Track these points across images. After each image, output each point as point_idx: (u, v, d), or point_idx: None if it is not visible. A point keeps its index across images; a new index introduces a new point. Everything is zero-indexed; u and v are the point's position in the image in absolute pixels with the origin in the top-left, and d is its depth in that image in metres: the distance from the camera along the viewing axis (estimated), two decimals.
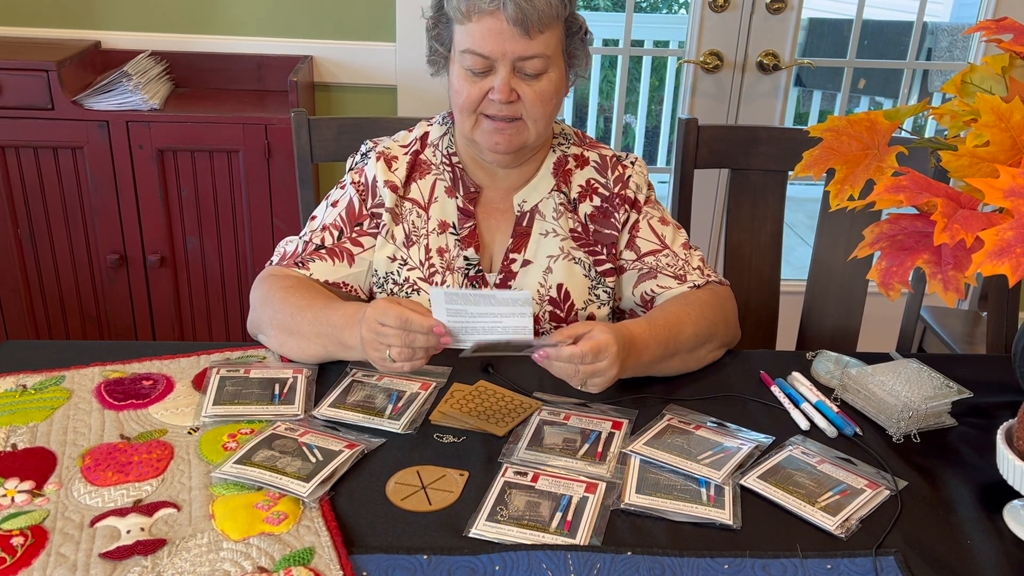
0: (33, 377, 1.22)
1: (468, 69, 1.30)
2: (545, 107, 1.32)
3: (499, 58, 1.27)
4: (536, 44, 1.27)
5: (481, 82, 1.30)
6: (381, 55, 2.52)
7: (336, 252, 1.39)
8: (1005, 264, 0.78)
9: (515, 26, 1.24)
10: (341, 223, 1.41)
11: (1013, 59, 1.05)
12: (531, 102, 1.30)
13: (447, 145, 1.42)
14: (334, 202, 1.44)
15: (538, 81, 1.30)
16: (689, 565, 0.93)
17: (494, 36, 1.26)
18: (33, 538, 0.92)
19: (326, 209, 1.44)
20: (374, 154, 1.42)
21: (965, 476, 1.12)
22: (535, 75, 1.30)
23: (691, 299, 1.36)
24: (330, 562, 0.90)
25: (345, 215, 1.42)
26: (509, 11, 1.24)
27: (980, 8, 2.75)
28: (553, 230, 1.42)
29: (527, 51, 1.27)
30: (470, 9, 1.26)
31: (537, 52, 1.27)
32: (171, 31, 2.49)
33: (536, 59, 1.28)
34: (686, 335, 1.30)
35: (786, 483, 1.07)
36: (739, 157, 1.76)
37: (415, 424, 1.16)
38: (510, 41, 1.26)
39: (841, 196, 0.99)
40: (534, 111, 1.31)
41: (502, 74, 1.28)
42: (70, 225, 2.31)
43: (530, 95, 1.30)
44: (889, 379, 1.23)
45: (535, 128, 1.33)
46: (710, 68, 2.63)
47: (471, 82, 1.30)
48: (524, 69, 1.29)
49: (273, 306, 1.31)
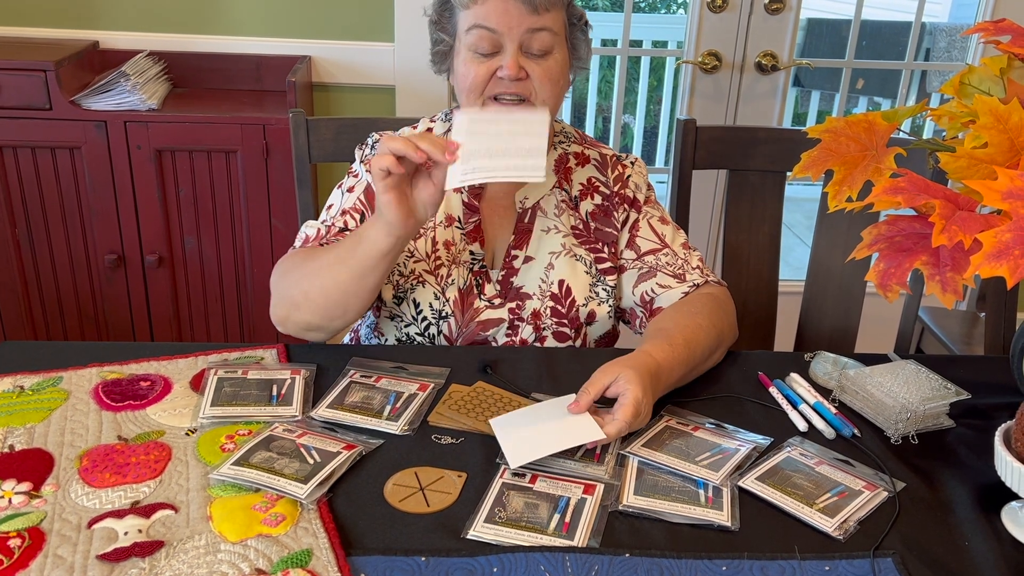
0: (30, 378, 1.22)
1: (475, 50, 1.30)
2: (554, 87, 1.32)
3: (506, 32, 1.27)
4: (543, 19, 1.28)
5: (488, 62, 1.30)
6: (379, 55, 2.52)
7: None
8: (1003, 266, 0.78)
9: (522, 3, 1.25)
10: (362, 206, 1.41)
11: (1011, 61, 1.05)
12: (540, 80, 1.30)
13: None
14: (350, 188, 1.44)
15: (545, 60, 1.30)
16: (687, 567, 0.93)
17: (501, 13, 1.26)
18: (30, 540, 0.92)
19: (343, 196, 1.44)
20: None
21: (963, 477, 1.12)
22: (542, 54, 1.30)
23: (698, 307, 1.36)
24: (328, 564, 0.90)
25: (365, 199, 1.42)
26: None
27: (978, 9, 2.75)
28: (555, 227, 1.42)
29: (535, 24, 1.27)
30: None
31: (544, 25, 1.28)
32: (169, 31, 2.49)
33: (544, 32, 1.28)
34: (702, 348, 1.29)
35: (784, 484, 1.07)
36: (737, 158, 1.76)
37: (413, 425, 1.16)
38: (517, 16, 1.26)
39: (839, 197, 0.99)
40: (543, 90, 1.31)
41: (510, 50, 1.28)
42: (68, 225, 2.31)
43: (539, 72, 1.30)
44: (887, 380, 1.23)
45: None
46: (708, 68, 2.63)
47: (478, 62, 1.30)
48: (531, 47, 1.29)
49: (297, 266, 1.31)
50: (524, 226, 1.43)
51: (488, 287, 1.42)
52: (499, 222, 1.44)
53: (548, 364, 1.33)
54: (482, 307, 1.42)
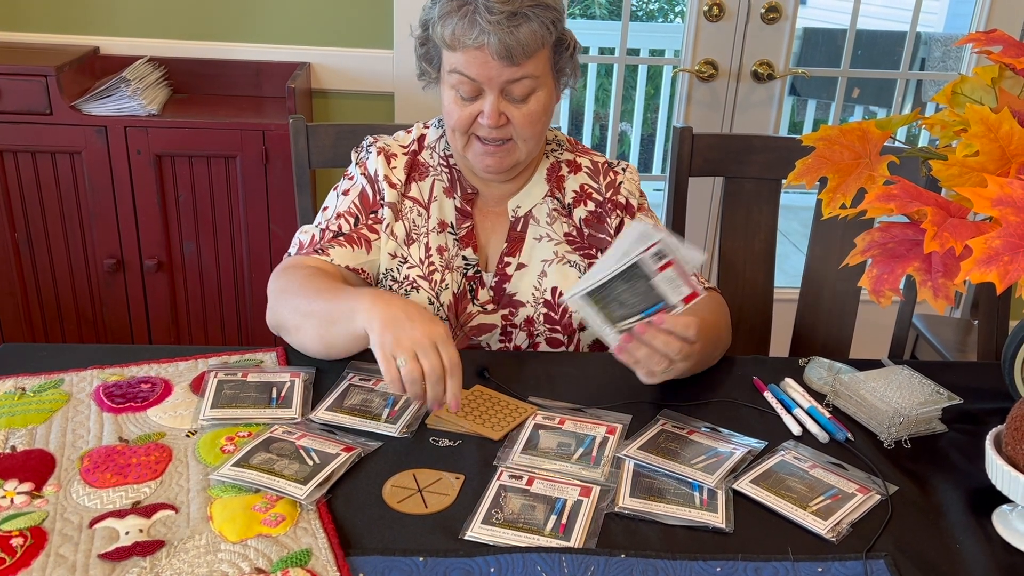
0: (32, 380, 1.23)
1: (457, 92, 1.32)
2: (535, 127, 1.35)
3: (486, 83, 1.29)
4: (523, 69, 1.29)
5: (471, 106, 1.32)
6: (378, 62, 2.54)
7: (354, 239, 1.40)
8: (993, 272, 0.80)
9: (500, 59, 1.26)
10: (356, 210, 1.42)
11: (1003, 71, 1.06)
12: (520, 124, 1.32)
13: (444, 148, 1.45)
14: (345, 191, 1.45)
15: (526, 104, 1.32)
16: (682, 568, 0.94)
17: (480, 64, 1.28)
18: (32, 539, 0.93)
19: (337, 199, 1.45)
20: (375, 149, 1.44)
21: (955, 481, 1.13)
22: (523, 98, 1.32)
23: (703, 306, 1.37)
24: (327, 563, 0.91)
25: (359, 202, 1.43)
26: (493, 47, 1.26)
27: (972, 19, 2.77)
28: (547, 235, 1.44)
29: (514, 75, 1.29)
30: (455, 42, 1.29)
31: (525, 74, 1.29)
32: (170, 37, 2.50)
33: (525, 80, 1.30)
34: (711, 342, 1.31)
35: (778, 487, 1.08)
36: (733, 165, 1.77)
37: (411, 428, 1.17)
38: (496, 69, 1.28)
39: (833, 204, 1.01)
40: (524, 132, 1.33)
41: (490, 99, 1.30)
42: (67, 229, 2.31)
43: (519, 117, 1.32)
44: (880, 385, 1.25)
45: (525, 147, 1.36)
46: (705, 77, 2.65)
47: (461, 106, 1.33)
48: (512, 93, 1.31)
49: (292, 292, 1.31)
50: (517, 234, 1.44)
51: (482, 292, 1.44)
52: (492, 228, 1.46)
53: (545, 368, 1.34)
54: (475, 312, 1.43)
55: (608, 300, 1.15)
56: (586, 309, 1.16)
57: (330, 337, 1.25)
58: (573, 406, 1.24)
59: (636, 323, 1.15)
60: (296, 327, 1.30)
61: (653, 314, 1.14)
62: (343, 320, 1.21)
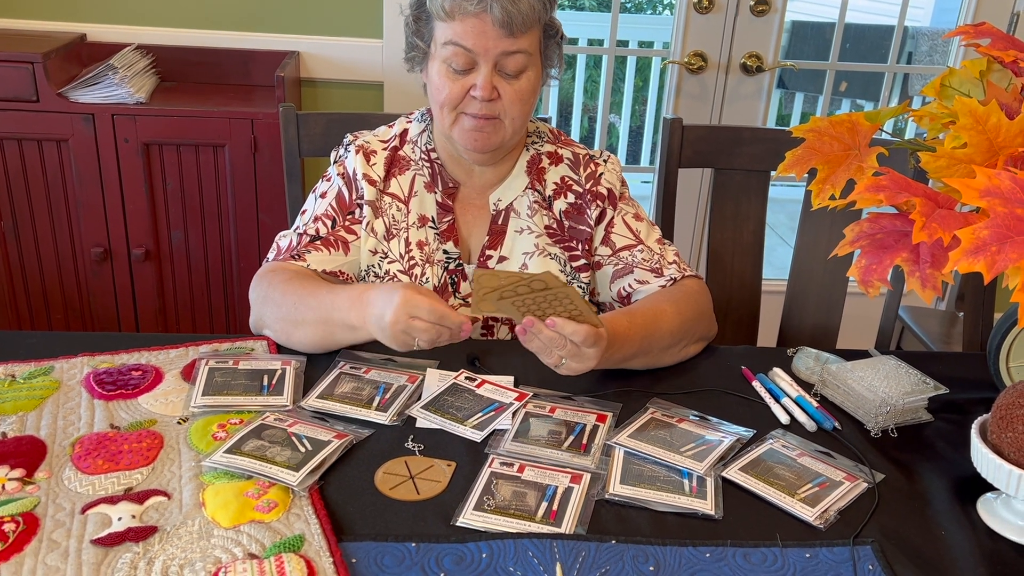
0: (21, 367, 1.23)
1: (450, 65, 1.32)
2: (523, 106, 1.35)
3: (482, 53, 1.29)
4: (519, 42, 1.29)
5: (463, 79, 1.32)
6: (368, 51, 2.53)
7: (331, 242, 1.41)
8: (980, 262, 0.81)
9: (500, 27, 1.27)
10: (333, 212, 1.43)
11: (990, 63, 1.07)
12: (510, 100, 1.33)
13: (426, 142, 1.45)
14: (323, 193, 1.45)
15: (518, 80, 1.33)
16: (672, 554, 0.95)
17: (478, 34, 1.28)
18: (24, 525, 0.93)
19: (315, 201, 1.45)
20: (353, 147, 1.44)
21: (940, 469, 1.14)
22: (515, 74, 1.32)
23: (666, 296, 1.38)
24: (320, 549, 0.91)
25: (336, 204, 1.43)
26: (495, 13, 1.26)
27: (960, 13, 2.79)
28: (528, 227, 1.44)
29: (511, 47, 1.29)
30: (454, 9, 1.28)
31: (520, 48, 1.30)
32: (157, 25, 2.49)
33: (519, 55, 1.30)
34: (662, 333, 1.31)
35: (767, 475, 1.09)
36: (722, 157, 1.78)
37: (402, 416, 1.17)
38: (494, 39, 1.28)
39: (822, 195, 1.02)
40: (512, 110, 1.34)
41: (484, 71, 1.30)
42: (54, 218, 2.30)
43: (510, 93, 1.32)
44: (868, 375, 1.26)
45: (512, 126, 1.36)
46: (694, 69, 2.66)
47: (452, 79, 1.32)
48: (505, 67, 1.31)
49: (275, 301, 1.32)
50: (498, 227, 1.45)
51: (464, 285, 1.44)
52: (473, 221, 1.46)
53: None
54: (457, 305, 1.43)
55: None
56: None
57: (326, 344, 1.30)
58: (564, 394, 1.25)
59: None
60: (285, 333, 1.32)
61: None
62: (340, 331, 1.27)
